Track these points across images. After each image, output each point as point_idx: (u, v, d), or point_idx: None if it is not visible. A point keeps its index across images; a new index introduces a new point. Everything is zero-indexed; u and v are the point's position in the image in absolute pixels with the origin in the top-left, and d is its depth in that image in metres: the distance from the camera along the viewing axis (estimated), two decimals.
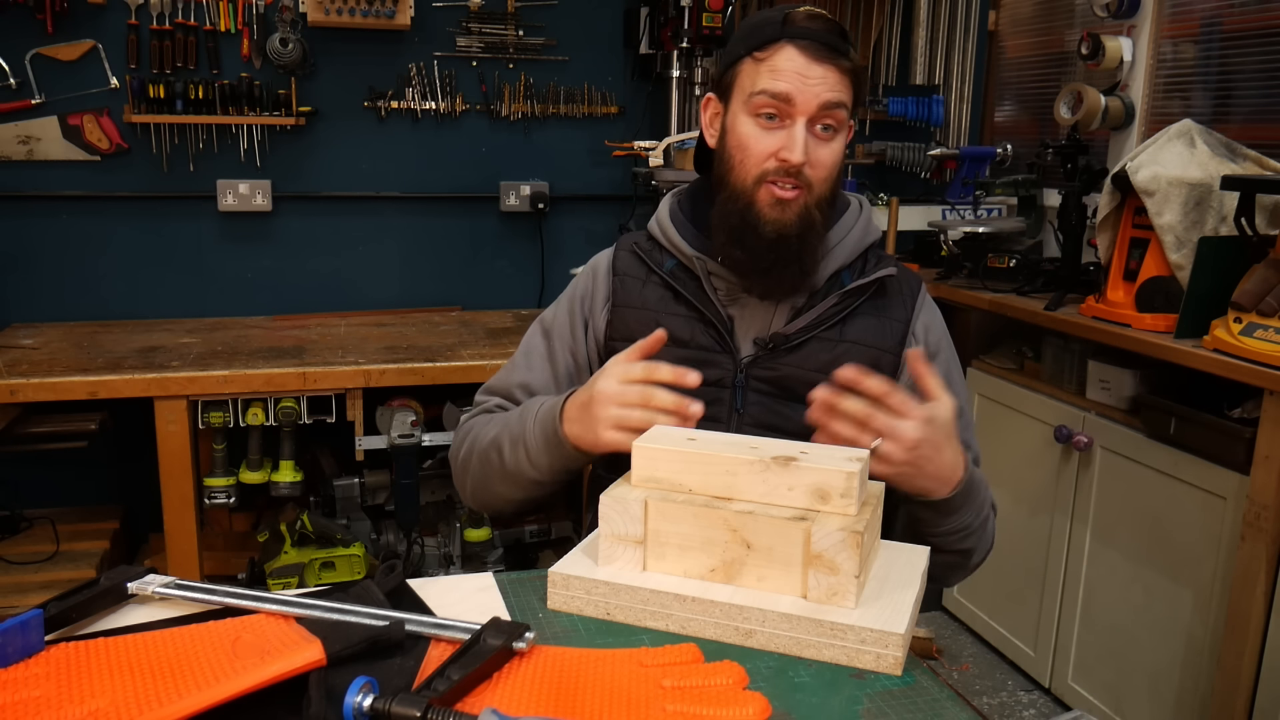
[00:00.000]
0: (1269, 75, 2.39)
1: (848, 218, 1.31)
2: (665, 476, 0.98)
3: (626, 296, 1.31)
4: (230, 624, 0.90)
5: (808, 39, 1.17)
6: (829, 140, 1.20)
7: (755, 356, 1.25)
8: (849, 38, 1.21)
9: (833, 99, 1.18)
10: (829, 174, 1.22)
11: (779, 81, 1.17)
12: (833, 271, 1.27)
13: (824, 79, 1.17)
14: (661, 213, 1.34)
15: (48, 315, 2.75)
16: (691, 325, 1.27)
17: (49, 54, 2.64)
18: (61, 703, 0.78)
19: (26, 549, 2.46)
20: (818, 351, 1.25)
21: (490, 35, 2.94)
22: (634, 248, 1.35)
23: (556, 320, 1.37)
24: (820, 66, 1.17)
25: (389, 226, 2.99)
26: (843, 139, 1.23)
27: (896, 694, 0.84)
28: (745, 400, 1.25)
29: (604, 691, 0.80)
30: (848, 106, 1.20)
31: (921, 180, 3.31)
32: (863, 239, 1.30)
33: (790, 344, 1.25)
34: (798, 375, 1.24)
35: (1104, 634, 2.32)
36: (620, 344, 1.28)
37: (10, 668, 0.83)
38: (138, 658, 0.84)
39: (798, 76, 1.17)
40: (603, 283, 1.35)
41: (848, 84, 1.19)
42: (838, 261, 1.28)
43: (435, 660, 0.84)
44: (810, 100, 1.17)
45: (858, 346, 1.25)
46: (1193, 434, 2.04)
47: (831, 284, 1.27)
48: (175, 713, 0.75)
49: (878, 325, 1.27)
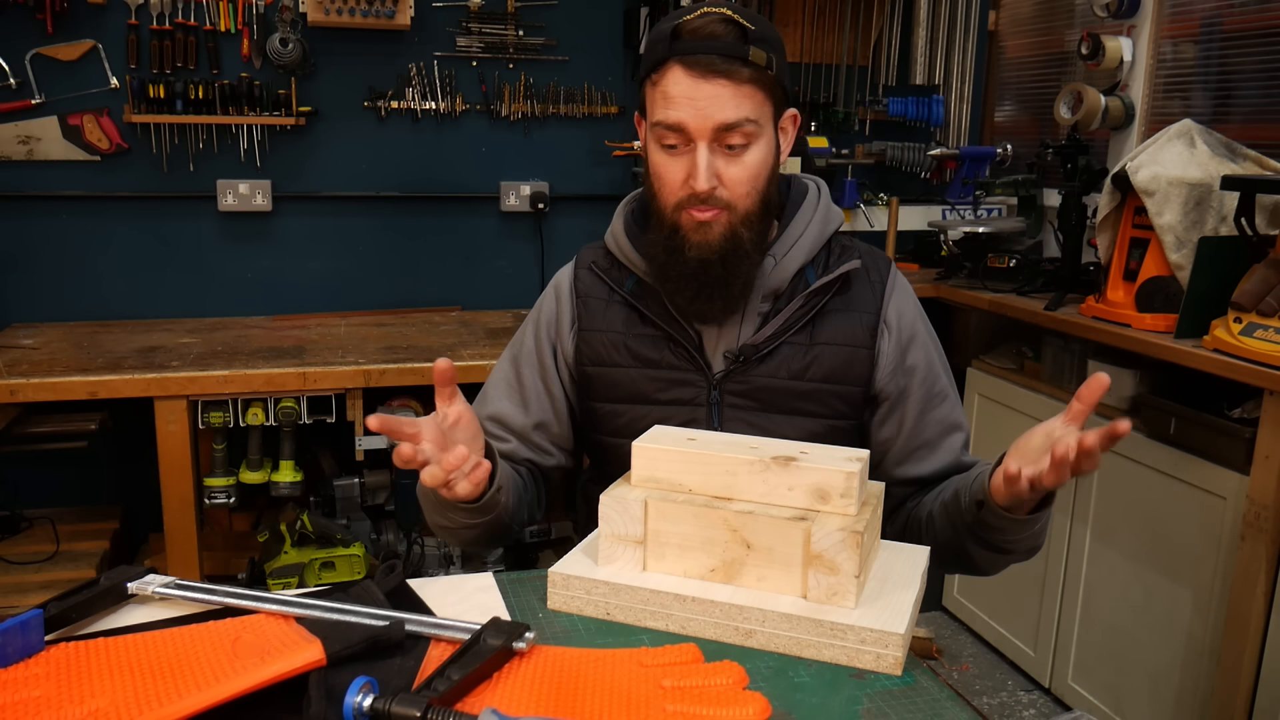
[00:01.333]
0: (1269, 75, 2.38)
1: (804, 210, 1.26)
2: (665, 476, 0.98)
3: (591, 320, 1.28)
4: (230, 624, 0.91)
5: (697, 53, 1.10)
6: (740, 155, 1.14)
7: (727, 371, 1.22)
8: (752, 34, 1.12)
9: (728, 119, 1.11)
10: (749, 188, 1.16)
11: (670, 110, 1.12)
12: (794, 271, 1.23)
13: (715, 98, 1.10)
14: (616, 227, 1.30)
15: (48, 315, 2.75)
16: (659, 345, 1.24)
17: (49, 54, 2.64)
18: (61, 703, 0.78)
19: (26, 549, 2.46)
20: (789, 358, 1.22)
21: (490, 35, 2.93)
22: (592, 267, 1.30)
23: (524, 347, 1.33)
24: (710, 84, 1.10)
25: (389, 226, 2.99)
26: (760, 147, 1.15)
27: (896, 694, 0.84)
28: (721, 416, 1.23)
29: (604, 691, 0.80)
30: (752, 119, 1.13)
31: (921, 180, 3.31)
32: (823, 230, 1.25)
33: (761, 353, 1.22)
34: (772, 385, 1.22)
35: (1104, 634, 2.32)
36: (591, 369, 1.27)
37: (10, 668, 0.83)
38: (138, 658, 0.84)
39: (688, 101, 1.11)
40: (566, 306, 1.31)
41: (750, 91, 1.12)
42: (799, 259, 1.23)
43: (435, 660, 0.84)
44: (704, 124, 1.11)
45: (830, 348, 1.22)
46: (1193, 434, 2.04)
47: (796, 282, 1.23)
48: (175, 713, 0.75)
49: (846, 320, 1.23)
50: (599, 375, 1.27)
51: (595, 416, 1.29)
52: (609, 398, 1.26)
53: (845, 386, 1.23)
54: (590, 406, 1.29)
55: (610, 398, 1.26)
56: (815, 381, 1.22)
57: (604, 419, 1.28)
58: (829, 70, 3.25)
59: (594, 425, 1.30)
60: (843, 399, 1.24)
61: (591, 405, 1.29)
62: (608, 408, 1.27)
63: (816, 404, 1.23)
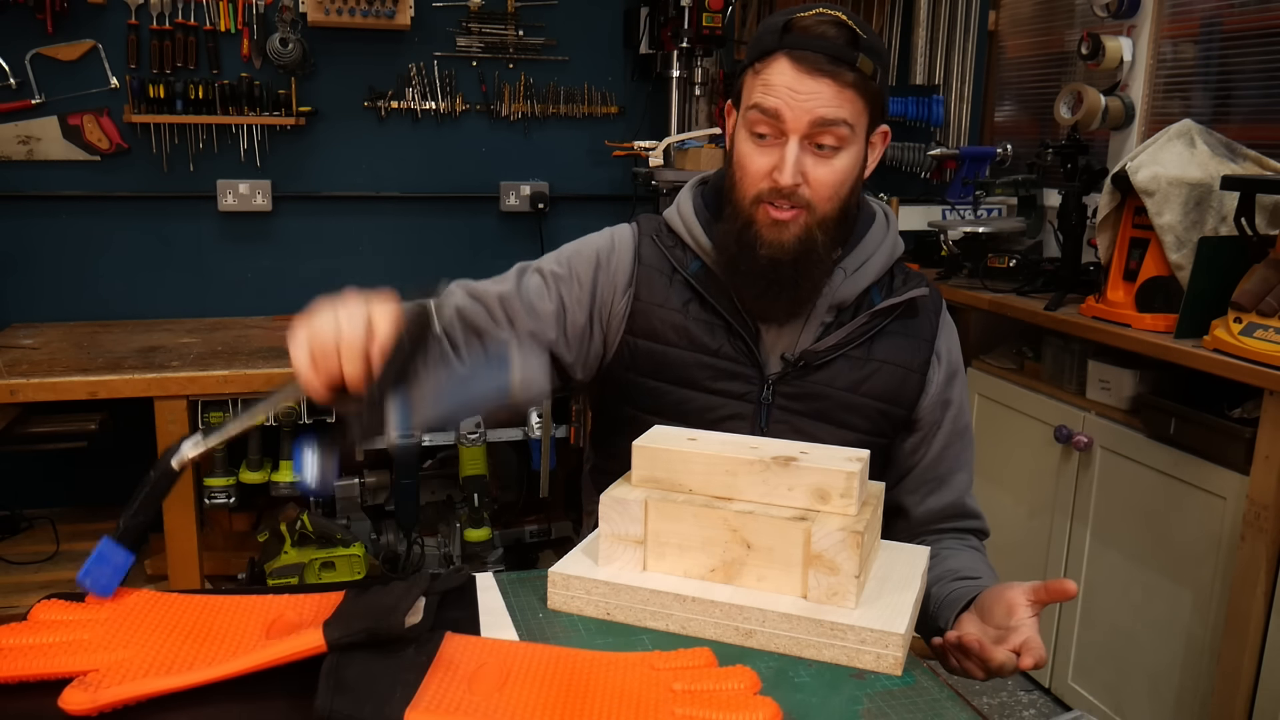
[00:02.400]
0: (1269, 75, 2.39)
1: (875, 232, 1.26)
2: (665, 476, 0.99)
3: (650, 292, 1.24)
4: (278, 601, 0.92)
5: (805, 49, 1.10)
6: (829, 158, 1.13)
7: (783, 373, 1.22)
8: (863, 42, 1.12)
9: (826, 115, 1.10)
10: (833, 192, 1.15)
11: (769, 97, 1.11)
12: (863, 288, 1.23)
13: (816, 94, 1.10)
14: (685, 206, 1.27)
15: (48, 315, 2.75)
16: (717, 333, 1.22)
17: (49, 54, 2.64)
18: (76, 650, 0.82)
19: (26, 549, 2.46)
20: (846, 371, 1.22)
21: (490, 35, 2.93)
22: (655, 238, 1.27)
23: (570, 263, 1.26)
24: (814, 80, 1.10)
25: (389, 226, 2.99)
26: (850, 154, 1.15)
27: (896, 694, 0.84)
28: (770, 417, 1.22)
29: (613, 693, 0.80)
30: (849, 123, 1.12)
31: (921, 180, 3.31)
32: (892, 254, 1.26)
33: (819, 361, 1.21)
34: (826, 394, 1.21)
35: (1104, 634, 2.32)
36: (641, 341, 1.23)
37: (83, 604, 0.88)
38: (178, 617, 0.88)
39: (788, 92, 1.10)
40: (626, 264, 1.26)
41: (852, 97, 1.11)
42: (868, 278, 1.23)
43: (449, 655, 0.84)
44: (800, 117, 1.11)
45: (887, 365, 1.23)
46: (1193, 434, 2.04)
47: (861, 300, 1.23)
48: (168, 685, 0.77)
49: (906, 344, 1.24)
50: (648, 351, 1.24)
51: (636, 391, 1.25)
52: (656, 375, 1.23)
53: (894, 407, 1.24)
54: (631, 380, 1.25)
55: (657, 375, 1.23)
56: (868, 397, 1.23)
57: (645, 395, 1.24)
58: None
59: (631, 398, 1.26)
60: (888, 418, 1.25)
61: (634, 379, 1.25)
62: (652, 384, 1.24)
63: (864, 419, 1.23)
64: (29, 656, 0.80)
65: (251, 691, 0.78)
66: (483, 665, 0.83)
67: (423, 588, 0.90)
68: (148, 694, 0.77)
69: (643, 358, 1.24)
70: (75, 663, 0.79)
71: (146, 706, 0.77)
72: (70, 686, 0.76)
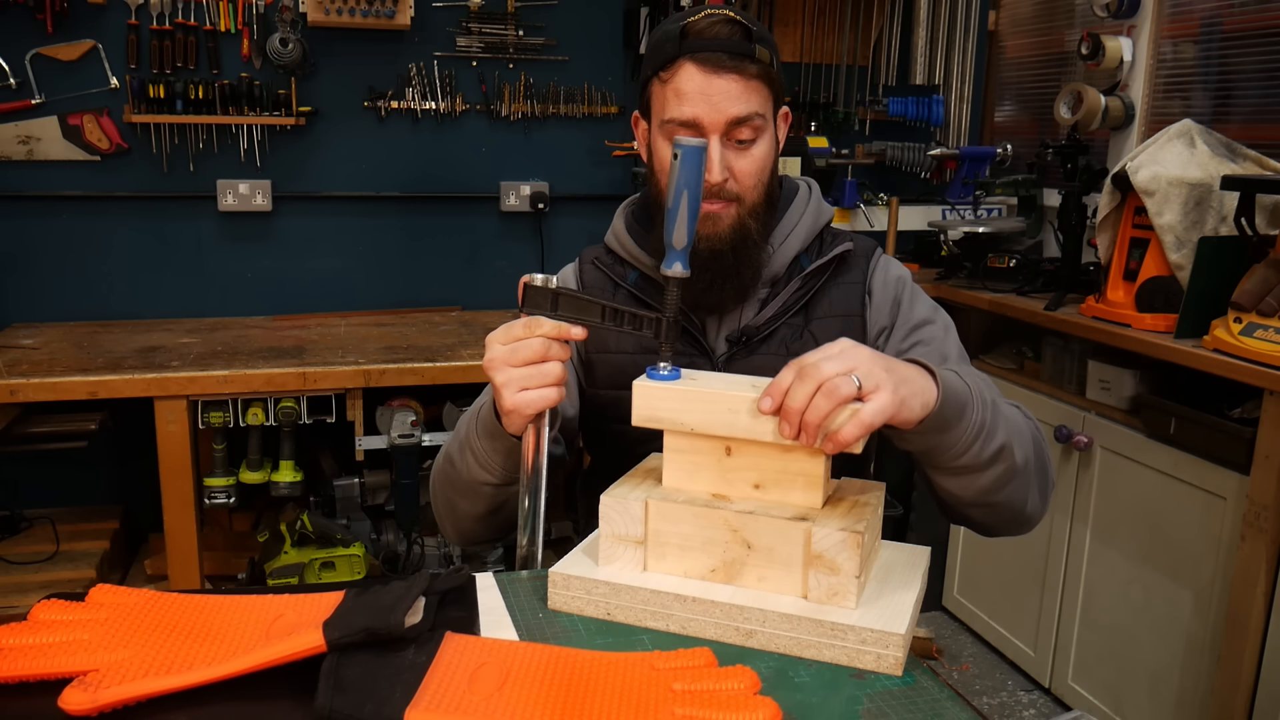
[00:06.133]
0: (1269, 75, 2.39)
1: (797, 203, 1.31)
2: (665, 415, 0.98)
3: None
4: (280, 600, 0.92)
5: (706, 50, 1.15)
6: (748, 149, 1.19)
7: (730, 353, 1.27)
8: (755, 33, 1.17)
9: (740, 113, 1.16)
10: (757, 180, 1.21)
11: (684, 105, 1.16)
12: (791, 258, 1.28)
13: (727, 92, 1.15)
14: (617, 225, 1.35)
15: (48, 315, 2.75)
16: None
17: (49, 54, 2.64)
18: (94, 648, 0.81)
19: (26, 549, 2.46)
20: (788, 338, 1.26)
21: (490, 35, 2.94)
22: (595, 262, 1.35)
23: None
24: (722, 79, 1.15)
25: (389, 226, 2.99)
26: (766, 141, 1.20)
27: (897, 694, 0.84)
28: None
29: (613, 693, 0.80)
30: (760, 114, 1.17)
31: (921, 180, 3.31)
32: (816, 221, 1.31)
33: (761, 335, 1.26)
34: (774, 364, 1.20)
35: (1104, 634, 2.32)
36: (596, 355, 1.31)
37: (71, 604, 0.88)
38: (177, 617, 0.87)
39: (701, 97, 1.15)
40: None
41: (757, 86, 1.17)
42: (794, 248, 1.29)
43: (449, 655, 0.84)
44: (717, 118, 1.15)
45: (824, 320, 1.27)
46: (1193, 434, 2.04)
47: (792, 269, 1.29)
48: (168, 685, 0.77)
49: (840, 295, 1.28)
50: (602, 361, 1.31)
51: (600, 404, 1.32)
52: (613, 384, 1.29)
53: None
54: (594, 394, 1.33)
55: (614, 383, 1.29)
56: None
57: (610, 404, 1.30)
58: (829, 70, 3.25)
59: (599, 413, 1.32)
60: None
61: (596, 393, 1.32)
62: (611, 394, 1.29)
63: None
64: (29, 656, 0.80)
65: (251, 691, 0.78)
66: (483, 665, 0.83)
67: (422, 587, 0.90)
68: (148, 694, 0.77)
69: (599, 370, 1.31)
70: (75, 663, 0.79)
71: (146, 706, 0.76)
72: (70, 686, 0.76)
